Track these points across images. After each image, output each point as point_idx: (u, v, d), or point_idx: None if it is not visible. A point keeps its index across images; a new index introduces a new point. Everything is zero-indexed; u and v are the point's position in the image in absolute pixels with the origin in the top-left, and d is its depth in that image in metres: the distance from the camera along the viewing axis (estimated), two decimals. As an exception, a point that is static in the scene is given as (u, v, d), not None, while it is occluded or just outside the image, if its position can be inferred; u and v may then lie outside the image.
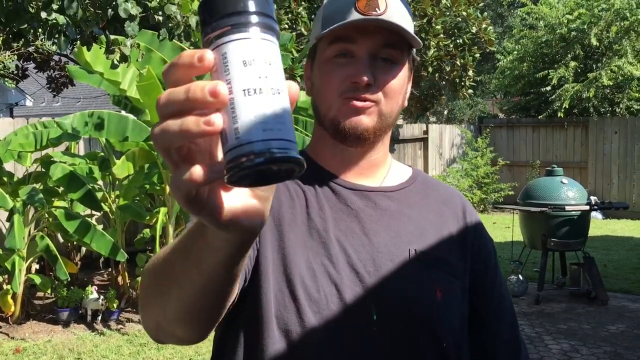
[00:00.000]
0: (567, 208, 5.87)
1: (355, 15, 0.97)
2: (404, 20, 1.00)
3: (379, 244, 1.01)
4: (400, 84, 1.02)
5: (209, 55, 0.49)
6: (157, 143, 0.51)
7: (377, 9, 0.97)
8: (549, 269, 6.46)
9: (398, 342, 0.97)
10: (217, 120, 0.48)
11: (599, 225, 10.65)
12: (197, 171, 0.49)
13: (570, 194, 6.04)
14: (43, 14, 2.57)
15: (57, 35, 2.70)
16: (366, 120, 1.00)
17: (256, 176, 0.49)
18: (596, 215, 11.22)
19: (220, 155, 0.51)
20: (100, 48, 3.34)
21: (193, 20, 3.13)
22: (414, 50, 1.06)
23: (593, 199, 6.08)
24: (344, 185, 1.05)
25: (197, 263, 0.64)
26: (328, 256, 0.98)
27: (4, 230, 5.44)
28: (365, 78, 0.97)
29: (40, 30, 2.88)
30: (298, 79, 6.60)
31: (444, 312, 1.01)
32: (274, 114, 0.48)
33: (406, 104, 1.08)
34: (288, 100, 0.50)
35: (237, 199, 0.54)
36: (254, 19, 0.50)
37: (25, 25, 2.71)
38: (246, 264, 0.93)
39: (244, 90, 0.48)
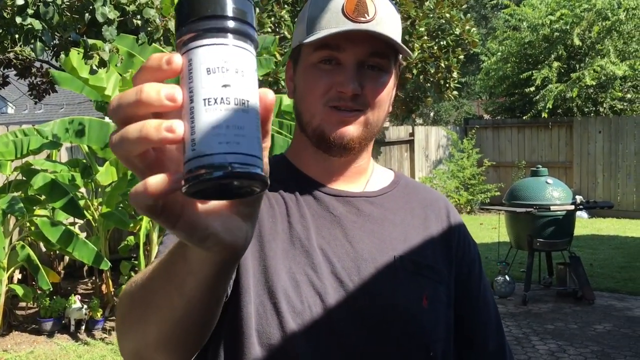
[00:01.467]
0: (552, 208, 5.89)
1: (343, 22, 0.93)
2: (393, 27, 0.96)
3: (363, 252, 0.98)
4: (388, 92, 0.99)
5: (177, 58, 0.47)
6: (115, 151, 0.48)
7: (366, 15, 0.93)
8: (536, 269, 6.47)
9: (384, 352, 0.94)
10: (179, 127, 0.45)
11: (585, 225, 10.71)
12: (154, 182, 0.46)
13: (555, 194, 6.06)
14: (18, 19, 2.52)
15: (32, 41, 2.64)
16: (352, 130, 0.96)
17: (215, 190, 0.46)
18: (582, 214, 11.28)
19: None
20: (79, 53, 3.29)
21: (172, 24, 3.08)
22: (401, 55, 1.02)
23: (578, 198, 6.10)
24: (326, 192, 1.02)
25: (177, 286, 0.60)
26: (311, 265, 0.94)
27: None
28: (352, 89, 0.93)
29: (16, 36, 2.83)
30: (282, 82, 6.57)
31: (430, 321, 0.98)
32: (235, 126, 0.45)
33: (390, 109, 1.05)
34: (257, 113, 0.47)
35: (215, 213, 0.51)
36: (226, 24, 0.47)
37: (0, 31, 2.65)
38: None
39: (204, 99, 0.45)
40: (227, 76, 0.46)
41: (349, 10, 0.93)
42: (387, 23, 0.95)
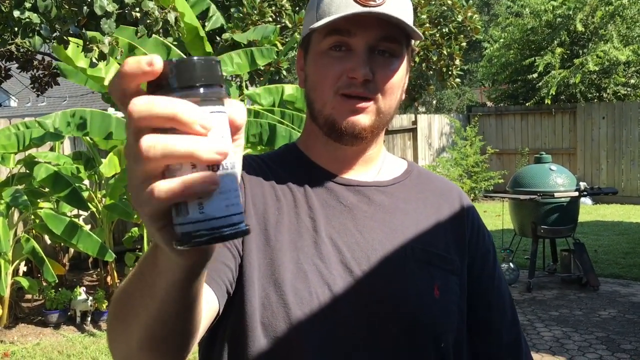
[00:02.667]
0: (556, 195, 5.87)
1: (353, 7, 0.91)
2: (404, 10, 0.94)
3: (374, 241, 0.96)
4: (400, 79, 0.97)
5: (157, 60, 0.46)
6: (146, 158, 0.47)
7: None
8: (540, 256, 6.47)
9: (395, 342, 0.93)
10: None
11: (589, 211, 10.69)
12: (169, 188, 0.47)
13: (559, 180, 6.04)
14: (16, 13, 2.50)
15: (31, 35, 2.63)
16: (363, 120, 0.95)
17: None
18: (586, 201, 11.26)
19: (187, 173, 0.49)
20: (78, 46, 3.28)
21: (171, 16, 3.06)
22: (413, 41, 1.00)
23: (582, 184, 6.08)
24: (336, 181, 1.01)
25: (149, 287, 0.61)
26: (319, 255, 0.93)
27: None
28: (363, 74, 0.92)
29: (15, 29, 2.81)
30: (284, 72, 6.55)
31: (441, 311, 0.96)
32: (234, 189, 0.49)
33: (404, 97, 1.03)
34: (236, 172, 0.50)
35: None
36: (198, 92, 0.48)
37: (-1, 25, 2.64)
38: (228, 277, 0.89)
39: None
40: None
41: None
42: (398, 6, 0.93)
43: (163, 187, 0.47)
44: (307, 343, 0.90)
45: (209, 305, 0.82)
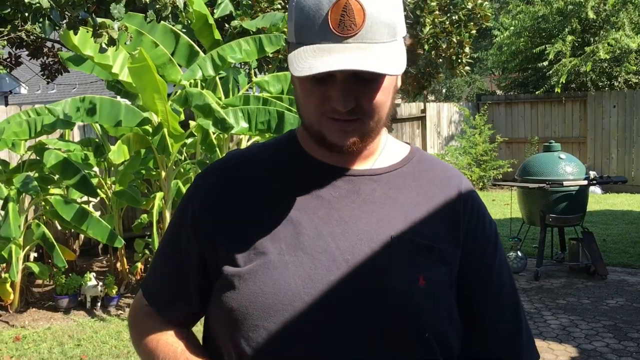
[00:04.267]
0: (565, 183, 5.85)
1: (328, 37, 0.87)
2: (385, 25, 0.89)
3: (359, 231, 0.96)
4: (385, 95, 0.95)
5: None
6: None
7: (352, 26, 0.87)
8: (548, 244, 6.46)
9: (377, 332, 0.93)
10: None
11: (598, 200, 10.65)
12: None
13: (568, 169, 6.01)
14: (26, -2, 2.52)
15: (41, 20, 2.64)
16: (352, 136, 0.94)
17: None
18: (595, 189, 11.21)
19: None
20: (88, 32, 3.29)
21: (180, 1, 3.06)
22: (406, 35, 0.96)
23: (592, 173, 6.06)
24: (329, 171, 1.01)
25: None
26: (302, 247, 0.95)
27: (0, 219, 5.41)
28: (344, 106, 0.90)
29: (26, 14, 2.83)
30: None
31: (427, 301, 0.95)
32: None
33: (400, 84, 1.01)
34: None
35: None
36: None
37: (9, 10, 2.65)
38: (195, 289, 1.02)
39: None
40: None
41: (333, 24, 0.87)
42: (378, 25, 0.88)
43: None
44: (289, 333, 0.91)
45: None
